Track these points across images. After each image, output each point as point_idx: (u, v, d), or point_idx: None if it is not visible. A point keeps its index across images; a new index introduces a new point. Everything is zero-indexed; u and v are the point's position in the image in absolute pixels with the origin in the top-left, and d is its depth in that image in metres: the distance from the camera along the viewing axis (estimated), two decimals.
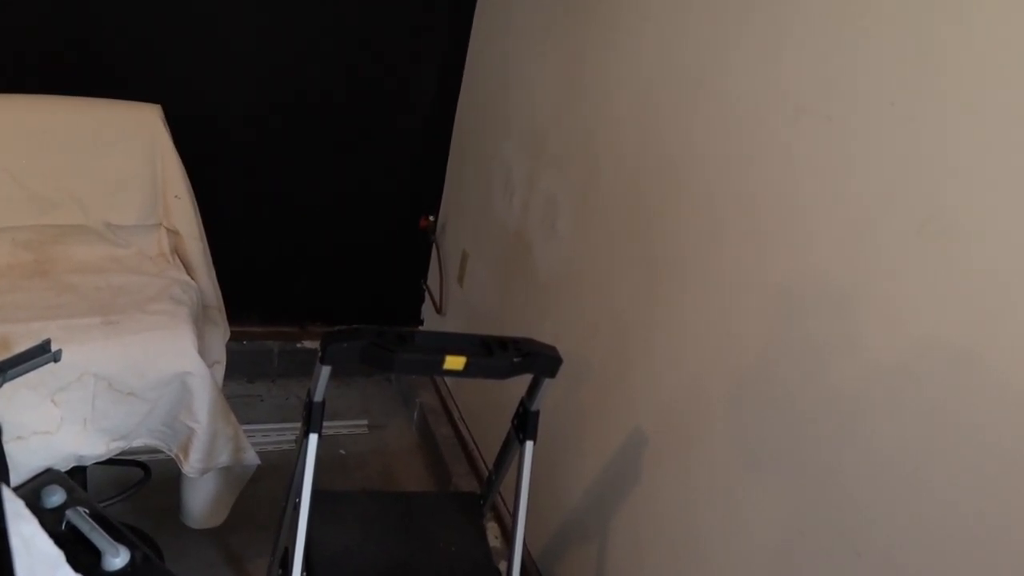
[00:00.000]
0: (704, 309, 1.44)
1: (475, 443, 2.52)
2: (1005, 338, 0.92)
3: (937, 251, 1.00)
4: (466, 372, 1.28)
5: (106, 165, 1.80)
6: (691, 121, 1.50)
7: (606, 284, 1.77)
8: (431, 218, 2.78)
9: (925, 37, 1.03)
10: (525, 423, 1.49)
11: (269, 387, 2.83)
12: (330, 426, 2.66)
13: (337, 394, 2.85)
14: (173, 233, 1.86)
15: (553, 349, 1.36)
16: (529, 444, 1.49)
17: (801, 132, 1.22)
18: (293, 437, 2.58)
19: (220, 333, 1.94)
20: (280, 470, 2.23)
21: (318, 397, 1.41)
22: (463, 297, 2.62)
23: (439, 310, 2.81)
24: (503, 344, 1.32)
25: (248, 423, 2.60)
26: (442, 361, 1.27)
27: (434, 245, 2.83)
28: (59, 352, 1.34)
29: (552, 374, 1.37)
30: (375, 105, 2.60)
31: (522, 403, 1.51)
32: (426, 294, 2.94)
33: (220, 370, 1.91)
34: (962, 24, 0.98)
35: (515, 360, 1.31)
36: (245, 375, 2.83)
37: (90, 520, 1.35)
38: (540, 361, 1.35)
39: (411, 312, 3.03)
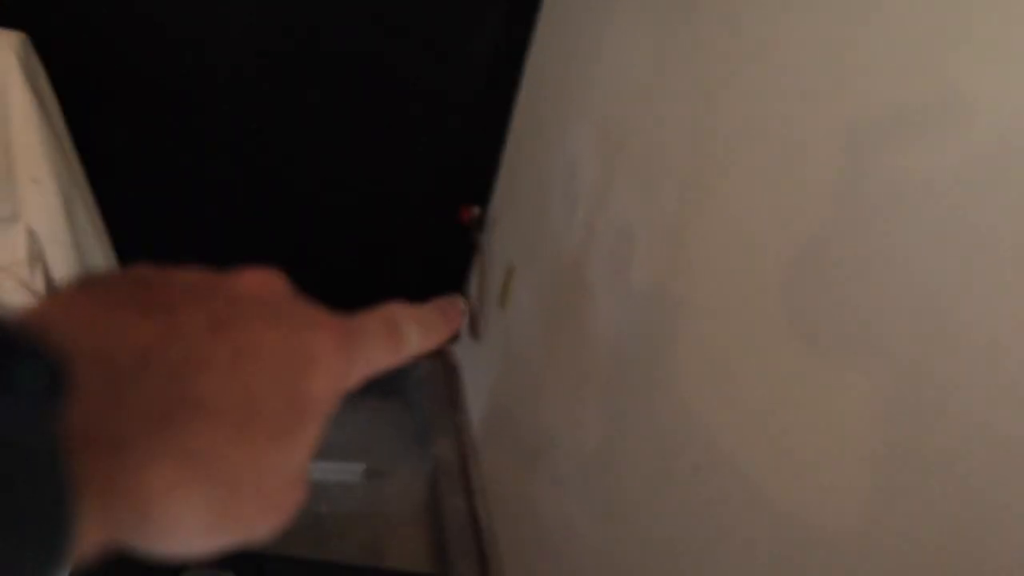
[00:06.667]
0: None
1: (490, 528, 1.85)
2: None
3: None
4: None
5: None
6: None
7: (717, 383, 1.04)
8: (476, 211, 2.08)
9: None
10: None
11: None
12: (313, 468, 2.04)
13: (339, 422, 2.22)
14: (34, 234, 1.22)
15: None
16: None
17: None
18: None
19: None
20: None
21: None
22: (504, 325, 1.93)
23: (475, 332, 2.12)
24: None
25: None
26: None
27: (479, 245, 2.13)
28: None
29: None
30: (414, 58, 1.89)
31: None
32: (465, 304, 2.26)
33: None
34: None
35: None
36: None
37: None
38: None
39: None
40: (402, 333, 0.31)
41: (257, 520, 0.26)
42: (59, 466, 0.20)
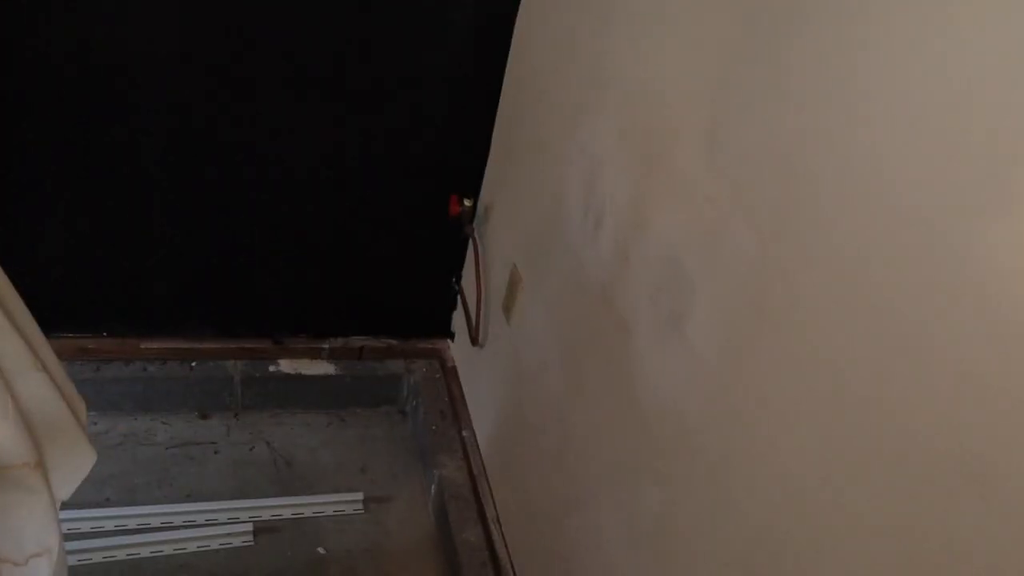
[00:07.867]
0: None
1: (513, 565, 1.65)
2: None
3: None
4: None
5: None
6: None
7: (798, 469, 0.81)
8: (467, 202, 1.79)
9: None
10: None
11: (228, 427, 1.97)
12: (308, 504, 1.81)
13: (327, 438, 1.99)
14: None
15: None
16: None
17: None
18: (262, 520, 1.74)
19: (44, 502, 1.03)
20: None
21: None
22: (511, 337, 1.67)
23: (475, 339, 1.87)
24: None
25: (191, 499, 1.78)
26: None
27: (473, 240, 1.85)
28: None
29: None
30: (389, 32, 1.57)
31: None
32: (459, 301, 2.00)
33: (47, 564, 1.03)
34: None
35: None
36: (195, 409, 1.97)
37: None
38: None
39: (437, 322, 2.10)
40: None
41: None
42: None
